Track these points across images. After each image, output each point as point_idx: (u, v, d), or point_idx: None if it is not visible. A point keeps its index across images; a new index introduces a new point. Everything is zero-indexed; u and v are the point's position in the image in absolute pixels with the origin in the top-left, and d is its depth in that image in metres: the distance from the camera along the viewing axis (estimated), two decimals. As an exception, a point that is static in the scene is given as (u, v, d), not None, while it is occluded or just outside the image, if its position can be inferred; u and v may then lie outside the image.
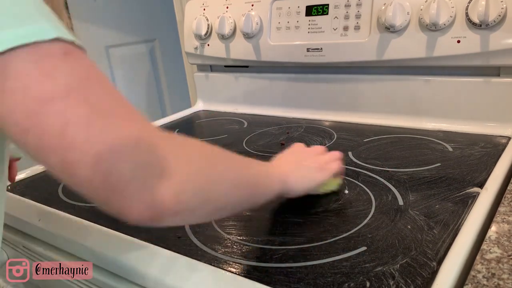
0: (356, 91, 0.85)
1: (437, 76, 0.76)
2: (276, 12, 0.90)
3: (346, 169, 0.62)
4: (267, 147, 0.76)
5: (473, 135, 0.71)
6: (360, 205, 0.51)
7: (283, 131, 0.84)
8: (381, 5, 0.76)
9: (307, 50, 0.86)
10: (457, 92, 0.74)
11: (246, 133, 0.85)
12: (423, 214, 0.48)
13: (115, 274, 0.47)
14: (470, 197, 0.50)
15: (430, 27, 0.71)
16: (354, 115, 0.85)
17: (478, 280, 0.35)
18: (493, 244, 0.39)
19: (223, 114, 1.02)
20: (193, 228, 0.50)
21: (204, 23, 0.97)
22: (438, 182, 0.55)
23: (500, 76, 0.71)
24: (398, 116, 0.80)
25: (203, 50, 1.01)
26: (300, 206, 0.53)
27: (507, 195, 0.49)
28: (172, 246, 0.46)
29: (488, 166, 0.58)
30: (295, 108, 0.94)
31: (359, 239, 0.44)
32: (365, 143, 0.73)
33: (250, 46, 0.93)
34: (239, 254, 0.44)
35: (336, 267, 0.40)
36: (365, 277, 0.38)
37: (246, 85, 1.01)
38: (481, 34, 0.68)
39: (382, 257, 0.41)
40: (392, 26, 0.74)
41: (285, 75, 0.95)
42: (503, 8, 0.65)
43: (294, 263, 0.41)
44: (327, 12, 0.83)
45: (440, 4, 0.69)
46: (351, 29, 0.80)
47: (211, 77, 1.07)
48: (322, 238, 0.45)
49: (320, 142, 0.75)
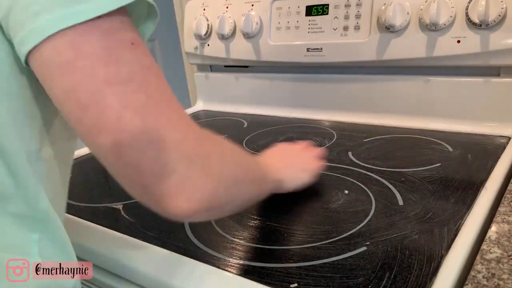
0: (356, 91, 0.85)
1: (437, 76, 0.76)
2: (276, 12, 0.90)
3: (346, 169, 0.62)
4: (267, 147, 0.76)
5: (473, 135, 0.71)
6: (360, 205, 0.51)
7: (283, 131, 0.84)
8: (381, 5, 0.76)
9: (307, 50, 0.86)
10: (457, 92, 0.74)
11: (246, 133, 0.85)
12: (423, 214, 0.48)
13: (115, 274, 0.47)
14: (470, 197, 0.50)
15: (430, 27, 0.71)
16: (354, 115, 0.85)
17: (478, 280, 0.35)
18: (493, 244, 0.39)
19: (223, 114, 1.02)
20: (193, 228, 0.50)
21: (204, 23, 0.97)
22: (438, 182, 0.55)
23: (500, 76, 0.71)
24: (398, 116, 0.80)
25: (203, 50, 1.01)
26: (300, 206, 0.53)
27: (507, 195, 0.49)
28: (172, 246, 0.46)
29: (488, 166, 0.58)
30: (295, 108, 0.94)
31: (359, 239, 0.44)
32: (365, 143, 0.73)
33: (250, 46, 0.93)
34: (239, 254, 0.44)
35: (336, 267, 0.40)
36: (365, 277, 0.38)
37: (246, 85, 1.01)
38: (481, 34, 0.68)
39: (382, 257, 0.41)
40: (392, 26, 0.74)
41: (285, 75, 0.95)
42: (503, 8, 0.65)
43: (294, 263, 0.41)
44: (327, 12, 0.83)
45: (440, 4, 0.69)
46: (351, 29, 0.80)
47: (211, 77, 1.07)
48: (322, 238, 0.45)
49: (320, 142, 0.75)
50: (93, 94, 0.29)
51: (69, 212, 0.56)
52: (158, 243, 0.47)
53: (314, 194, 0.55)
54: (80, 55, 0.28)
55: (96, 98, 0.29)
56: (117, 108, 0.29)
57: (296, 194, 0.55)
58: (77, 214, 0.56)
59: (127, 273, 0.46)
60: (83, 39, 0.29)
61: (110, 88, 0.29)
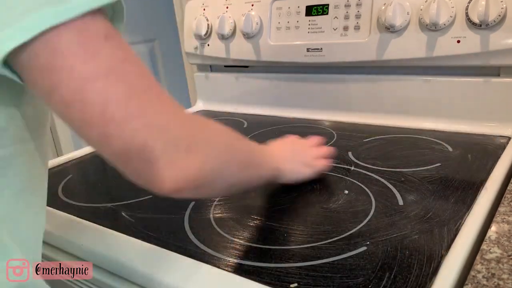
0: (356, 91, 0.85)
1: (437, 76, 0.76)
2: (276, 12, 0.90)
3: (346, 169, 0.62)
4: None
5: (473, 135, 0.71)
6: (360, 205, 0.51)
7: (283, 131, 0.84)
8: (381, 5, 0.76)
9: (307, 50, 0.86)
10: (457, 92, 0.74)
11: (246, 133, 0.85)
12: (423, 214, 0.48)
13: (115, 274, 0.47)
14: (470, 197, 0.50)
15: (430, 27, 0.71)
16: (354, 115, 0.85)
17: (478, 280, 0.35)
18: (493, 244, 0.39)
19: (223, 114, 1.02)
20: (193, 228, 0.50)
21: (204, 23, 0.97)
22: (438, 182, 0.55)
23: (500, 76, 0.71)
24: (398, 116, 0.80)
25: (203, 50, 1.01)
26: (300, 206, 0.53)
27: (507, 195, 0.49)
28: (172, 246, 0.46)
29: (488, 166, 0.58)
30: (295, 108, 0.94)
31: (359, 239, 0.44)
32: (365, 143, 0.73)
33: (250, 46, 0.93)
34: (239, 254, 0.44)
35: (336, 267, 0.40)
36: (365, 277, 0.38)
37: (246, 85, 1.01)
38: (481, 34, 0.68)
39: (382, 257, 0.41)
40: (392, 26, 0.74)
41: (285, 75, 0.95)
42: (503, 8, 0.65)
43: (294, 263, 0.41)
44: (327, 12, 0.83)
45: (440, 4, 0.69)
46: (351, 29, 0.80)
47: (211, 77, 1.07)
48: (322, 238, 0.45)
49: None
50: (74, 92, 0.30)
51: (69, 212, 0.57)
52: (158, 243, 0.47)
53: (314, 194, 0.55)
54: (57, 56, 0.29)
55: (78, 95, 0.30)
56: (99, 102, 0.30)
57: (296, 194, 0.55)
58: (77, 214, 0.56)
59: (127, 273, 0.46)
60: (58, 39, 0.29)
61: (91, 84, 0.30)
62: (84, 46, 0.30)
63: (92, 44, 0.30)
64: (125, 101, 0.31)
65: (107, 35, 0.31)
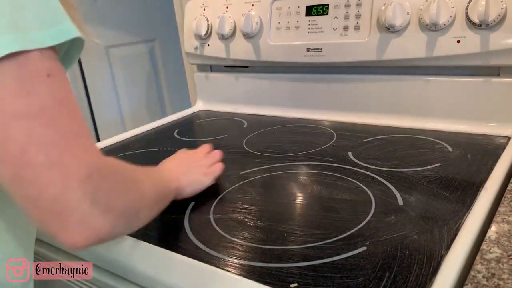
0: (356, 91, 0.85)
1: (437, 76, 0.76)
2: (276, 12, 0.90)
3: (346, 169, 0.62)
4: (267, 147, 0.76)
5: (473, 135, 0.71)
6: (360, 205, 0.51)
7: (283, 131, 0.84)
8: (381, 5, 0.76)
9: (307, 50, 0.86)
10: (457, 92, 0.74)
11: (246, 133, 0.85)
12: (423, 214, 0.48)
13: (115, 274, 0.47)
14: (470, 197, 0.50)
15: (430, 27, 0.71)
16: (354, 115, 0.85)
17: (478, 280, 0.35)
18: (493, 244, 0.39)
19: (223, 114, 1.02)
20: (193, 228, 0.50)
21: (204, 23, 0.97)
22: (438, 182, 0.55)
23: (500, 76, 0.71)
24: (398, 116, 0.80)
25: (203, 50, 1.01)
26: (300, 206, 0.53)
27: (507, 195, 0.49)
28: (172, 246, 0.46)
29: (488, 166, 0.58)
30: (295, 108, 0.94)
31: (359, 239, 0.44)
32: (365, 143, 0.73)
33: (250, 46, 0.93)
34: (239, 254, 0.44)
35: (336, 267, 0.40)
36: (365, 277, 0.38)
37: (246, 85, 1.01)
38: (481, 34, 0.68)
39: (382, 257, 0.41)
40: (392, 26, 0.74)
41: (285, 75, 0.95)
42: (503, 8, 0.65)
43: (294, 263, 0.41)
44: (327, 12, 0.83)
45: (440, 4, 0.69)
46: (351, 29, 0.80)
47: (211, 77, 1.07)
48: (322, 238, 0.45)
49: (320, 142, 0.75)
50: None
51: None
52: (158, 243, 0.47)
53: (313, 194, 0.55)
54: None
55: (2, 131, 0.28)
56: (22, 142, 0.28)
57: (296, 194, 0.55)
58: (77, 214, 0.55)
59: (127, 273, 0.46)
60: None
61: (18, 122, 0.29)
62: (20, 81, 0.29)
63: (30, 82, 0.29)
64: (48, 146, 0.29)
65: (50, 73, 0.30)
